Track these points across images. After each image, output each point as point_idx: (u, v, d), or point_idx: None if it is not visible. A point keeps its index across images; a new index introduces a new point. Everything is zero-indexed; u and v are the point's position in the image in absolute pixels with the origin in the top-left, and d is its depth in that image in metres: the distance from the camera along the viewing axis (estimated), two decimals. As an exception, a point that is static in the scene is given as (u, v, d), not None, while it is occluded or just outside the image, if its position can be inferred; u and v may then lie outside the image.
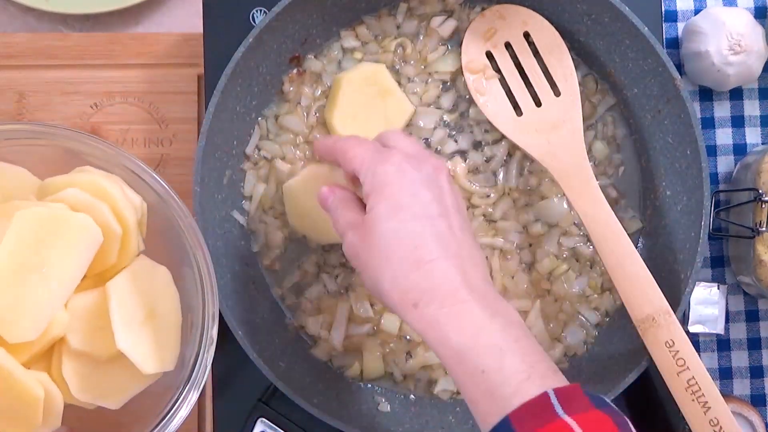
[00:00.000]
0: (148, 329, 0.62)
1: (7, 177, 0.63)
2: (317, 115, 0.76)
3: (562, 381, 0.54)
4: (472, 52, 0.76)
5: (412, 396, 0.76)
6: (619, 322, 0.75)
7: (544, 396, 0.51)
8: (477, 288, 0.57)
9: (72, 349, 0.60)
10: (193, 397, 0.63)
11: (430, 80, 0.76)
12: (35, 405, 0.58)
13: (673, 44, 0.82)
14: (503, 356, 0.54)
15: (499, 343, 0.54)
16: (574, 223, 0.76)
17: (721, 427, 0.65)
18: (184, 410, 0.63)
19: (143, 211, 0.64)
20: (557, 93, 0.75)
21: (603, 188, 0.73)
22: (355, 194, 0.64)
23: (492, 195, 0.76)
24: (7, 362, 0.57)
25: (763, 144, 0.82)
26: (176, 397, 0.63)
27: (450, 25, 0.77)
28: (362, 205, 0.63)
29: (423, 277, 0.57)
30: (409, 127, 0.76)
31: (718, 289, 0.77)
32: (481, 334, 0.54)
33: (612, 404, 0.53)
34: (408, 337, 0.75)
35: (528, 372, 0.53)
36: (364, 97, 0.74)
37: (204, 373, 0.63)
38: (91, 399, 0.61)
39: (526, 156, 0.76)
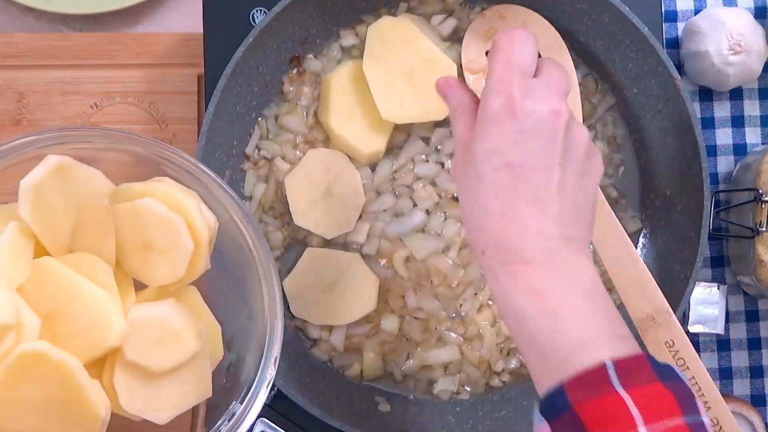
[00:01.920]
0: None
1: (82, 178, 0.61)
2: (317, 115, 0.76)
3: (628, 350, 0.51)
4: (472, 52, 0.75)
5: (412, 396, 0.76)
6: (619, 322, 0.75)
7: (601, 367, 0.49)
8: (546, 248, 0.54)
9: (126, 360, 0.59)
10: (249, 415, 0.63)
11: (430, 80, 0.77)
12: (95, 421, 0.58)
13: (673, 44, 0.82)
14: (556, 322, 0.52)
15: (554, 308, 0.52)
16: (574, 223, 0.76)
17: (721, 427, 0.65)
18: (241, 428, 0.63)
19: (215, 230, 0.63)
20: (557, 93, 0.75)
21: (603, 188, 0.73)
22: (474, 98, 0.59)
23: (492, 195, 0.76)
24: (78, 373, 0.57)
25: (763, 144, 0.82)
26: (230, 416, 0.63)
27: (450, 24, 0.77)
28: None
29: (495, 229, 0.55)
30: (409, 125, 0.76)
31: (718, 289, 0.77)
32: (536, 298, 0.53)
33: (681, 375, 0.51)
34: (408, 338, 0.75)
35: (583, 340, 0.51)
36: (356, 94, 0.74)
37: (259, 393, 0.63)
38: (139, 411, 0.60)
39: (526, 156, 0.76)
